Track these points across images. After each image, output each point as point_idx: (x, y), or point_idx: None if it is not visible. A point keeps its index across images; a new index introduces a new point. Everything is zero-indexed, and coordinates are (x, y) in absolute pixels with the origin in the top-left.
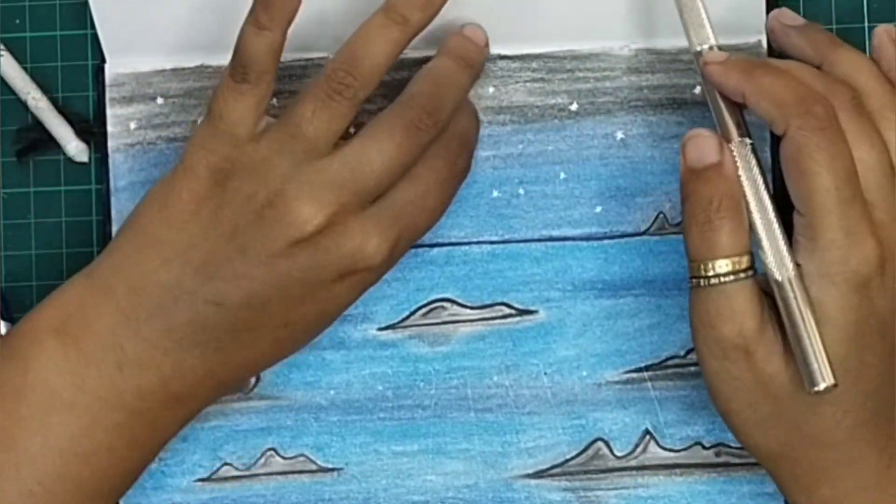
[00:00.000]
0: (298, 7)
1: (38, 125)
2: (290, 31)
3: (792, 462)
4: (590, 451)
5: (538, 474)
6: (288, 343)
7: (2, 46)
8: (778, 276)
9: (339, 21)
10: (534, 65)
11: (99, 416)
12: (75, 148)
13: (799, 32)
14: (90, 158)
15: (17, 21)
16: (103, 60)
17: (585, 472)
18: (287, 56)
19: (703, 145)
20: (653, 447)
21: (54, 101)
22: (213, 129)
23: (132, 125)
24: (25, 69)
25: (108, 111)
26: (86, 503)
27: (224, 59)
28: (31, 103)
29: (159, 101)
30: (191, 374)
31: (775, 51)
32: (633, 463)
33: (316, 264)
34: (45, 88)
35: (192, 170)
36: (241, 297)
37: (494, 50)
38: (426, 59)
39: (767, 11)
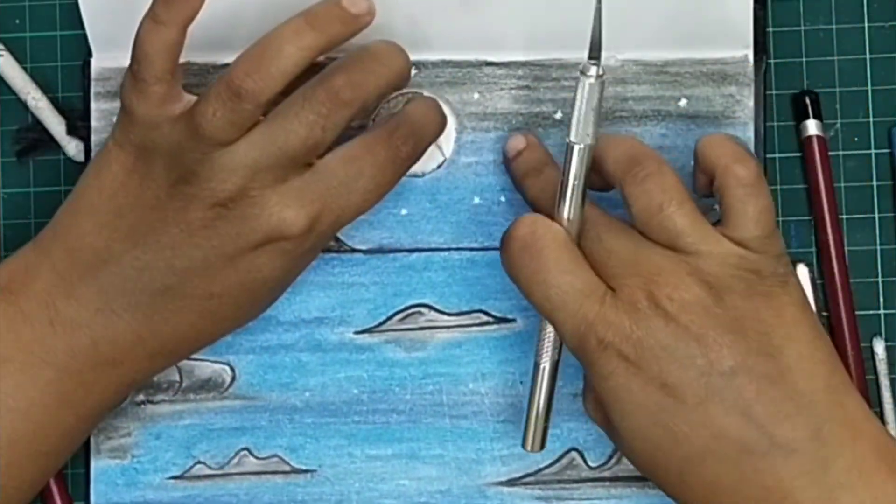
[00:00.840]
0: (200, 7)
1: (38, 125)
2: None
3: None
4: (564, 461)
5: (511, 482)
6: (216, 317)
7: (2, 46)
8: (536, 359)
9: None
10: (519, 72)
11: (31, 372)
12: (75, 148)
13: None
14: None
15: (17, 21)
16: (90, 54)
17: (559, 482)
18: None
19: None
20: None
21: (54, 101)
22: (128, 117)
23: (115, 119)
24: (25, 69)
25: (93, 105)
26: (23, 462)
27: (209, 57)
28: (31, 103)
29: None
30: (121, 338)
31: (761, 68)
32: (606, 474)
33: (233, 232)
34: (45, 88)
35: (120, 145)
36: (164, 265)
37: (480, 56)
38: (415, 64)
39: (755, 26)
